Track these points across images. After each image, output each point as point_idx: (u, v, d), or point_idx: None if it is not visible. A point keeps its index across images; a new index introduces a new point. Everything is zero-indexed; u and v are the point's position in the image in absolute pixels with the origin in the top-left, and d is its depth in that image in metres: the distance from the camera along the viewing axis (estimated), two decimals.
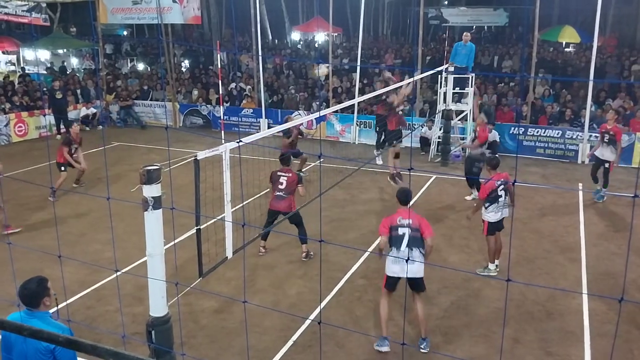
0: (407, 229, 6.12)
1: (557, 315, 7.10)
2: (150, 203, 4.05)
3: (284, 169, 8.84)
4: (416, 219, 6.19)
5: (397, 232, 6.14)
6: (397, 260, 6.08)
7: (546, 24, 24.21)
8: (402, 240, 6.12)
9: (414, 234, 6.12)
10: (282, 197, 8.59)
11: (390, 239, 6.20)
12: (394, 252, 6.14)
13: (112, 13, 19.95)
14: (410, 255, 6.04)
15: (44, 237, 9.42)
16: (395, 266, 6.15)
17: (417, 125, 16.25)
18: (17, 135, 17.12)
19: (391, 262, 6.17)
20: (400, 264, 6.06)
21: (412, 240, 6.11)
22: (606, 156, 11.22)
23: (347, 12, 30.95)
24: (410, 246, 6.10)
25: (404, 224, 6.12)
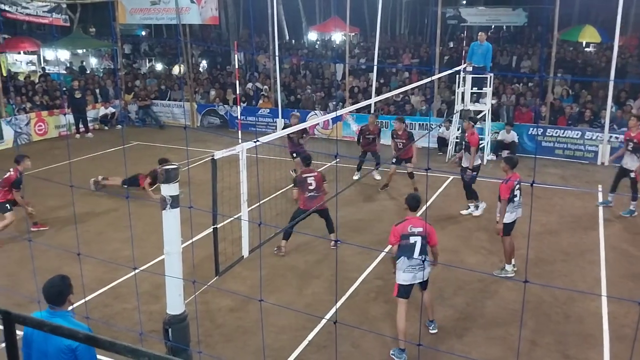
0: (418, 237, 6.06)
1: (575, 318, 7.02)
2: (168, 202, 4.09)
3: (307, 169, 9.01)
4: (425, 227, 6.11)
5: (409, 240, 6.07)
6: (409, 269, 6.08)
7: (566, 23, 23.92)
8: (414, 248, 6.06)
9: (424, 241, 6.10)
10: (314, 196, 8.77)
11: (399, 247, 6.10)
12: (405, 261, 6.07)
13: (131, 13, 20.14)
14: (422, 263, 6.05)
15: (62, 235, 9.55)
16: (408, 275, 6.11)
17: (435, 125, 16.17)
18: (37, 134, 17.35)
19: (402, 271, 6.12)
20: (412, 272, 6.07)
21: (423, 247, 6.10)
22: (629, 165, 10.58)
23: (364, 11, 30.90)
24: (422, 254, 6.08)
25: (414, 232, 6.07)
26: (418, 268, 6.05)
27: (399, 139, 12.09)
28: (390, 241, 6.19)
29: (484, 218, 10.49)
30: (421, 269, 6.05)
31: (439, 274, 8.10)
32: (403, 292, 6.19)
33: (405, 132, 12.25)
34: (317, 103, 18.67)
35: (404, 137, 12.08)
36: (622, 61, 18.75)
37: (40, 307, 3.87)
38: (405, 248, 6.06)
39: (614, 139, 14.47)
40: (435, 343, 6.45)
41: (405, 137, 12.08)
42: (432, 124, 16.28)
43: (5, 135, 16.37)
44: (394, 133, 12.23)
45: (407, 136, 12.15)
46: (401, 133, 12.06)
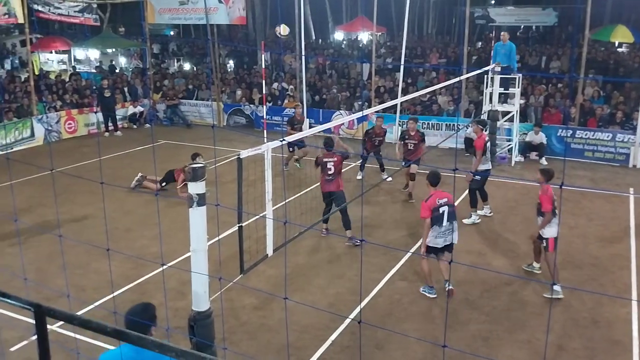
0: (445, 207, 7.23)
1: (604, 323, 6.89)
2: (195, 200, 4.12)
3: (328, 154, 9.36)
4: (449, 196, 7.39)
5: (439, 211, 7.19)
6: (441, 234, 7.23)
7: (597, 23, 23.48)
8: (444, 217, 7.20)
9: (451, 209, 7.27)
10: (331, 180, 9.23)
11: (432, 219, 7.18)
12: (436, 229, 7.21)
13: (160, 13, 20.39)
14: (450, 227, 7.27)
15: (91, 231, 9.71)
16: (440, 239, 7.26)
17: (462, 126, 16.02)
18: (67, 132, 17.68)
19: (434, 237, 7.25)
20: (444, 237, 7.25)
21: (450, 214, 7.26)
22: None
23: (391, 11, 30.77)
24: (449, 220, 7.25)
25: (442, 203, 7.23)
26: (447, 233, 7.26)
27: (410, 140, 11.59)
28: (423, 215, 7.33)
29: (511, 221, 10.36)
30: (450, 233, 7.27)
31: (465, 276, 8.04)
32: (432, 252, 7.40)
33: (418, 133, 11.83)
34: (342, 103, 18.65)
35: (417, 138, 11.62)
36: None
37: (69, 301, 3.94)
38: (436, 219, 7.20)
39: None
40: (461, 345, 6.39)
41: (418, 138, 11.62)
42: (460, 125, 16.12)
43: (37, 132, 16.72)
44: (405, 134, 11.75)
45: (419, 137, 11.67)
46: (414, 134, 11.61)
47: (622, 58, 21.77)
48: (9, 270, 7.65)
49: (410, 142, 11.53)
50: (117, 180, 12.38)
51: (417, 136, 11.58)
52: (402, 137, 11.81)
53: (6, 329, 6.08)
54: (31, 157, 14.35)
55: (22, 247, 8.81)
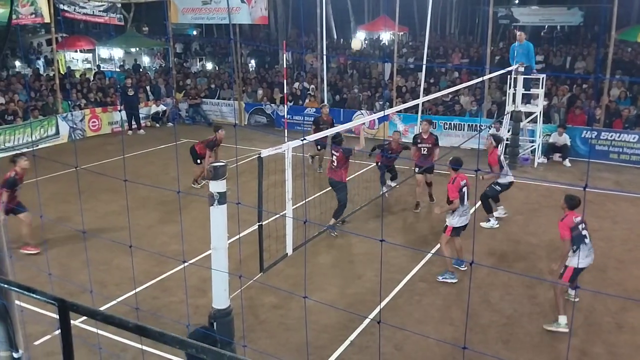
0: (465, 188, 8.06)
1: (628, 329, 6.77)
2: (216, 198, 4.15)
3: (335, 148, 9.68)
4: (466, 179, 8.18)
5: (462, 192, 8.00)
6: (464, 213, 8.03)
7: (624, 23, 23.04)
8: (464, 197, 8.03)
9: (467, 190, 8.13)
10: (333, 168, 9.67)
11: (460, 198, 7.93)
12: (460, 208, 7.96)
13: (183, 13, 20.57)
14: (469, 206, 8.20)
15: (113, 228, 9.83)
16: (463, 218, 8.02)
17: (485, 126, 15.87)
18: (91, 130, 17.92)
19: (458, 215, 7.97)
20: (465, 215, 8.04)
21: (468, 195, 8.15)
22: None
23: (414, 10, 30.63)
24: (468, 199, 8.17)
25: (462, 184, 8.03)
26: (464, 212, 8.06)
27: (423, 144, 10.88)
28: (453, 196, 7.95)
29: (533, 223, 10.23)
30: (466, 212, 8.10)
31: (486, 279, 7.97)
32: (455, 232, 8.05)
33: (432, 136, 10.99)
34: (363, 103, 18.61)
35: (430, 141, 10.86)
36: None
37: (92, 297, 4.00)
38: (461, 198, 7.95)
39: None
40: (481, 347, 6.33)
41: (432, 142, 10.87)
42: (482, 125, 15.98)
43: (61, 130, 16.98)
44: (418, 137, 11.00)
45: (433, 140, 10.90)
46: (427, 137, 10.87)
47: None
48: (34, 265, 7.79)
49: (423, 146, 10.89)
50: (140, 178, 12.52)
51: (430, 139, 10.88)
52: (414, 141, 11.11)
53: (30, 323, 6.18)
54: (56, 154, 14.57)
55: (47, 243, 8.95)
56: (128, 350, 6.10)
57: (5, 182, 8.64)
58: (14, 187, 8.70)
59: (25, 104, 17.10)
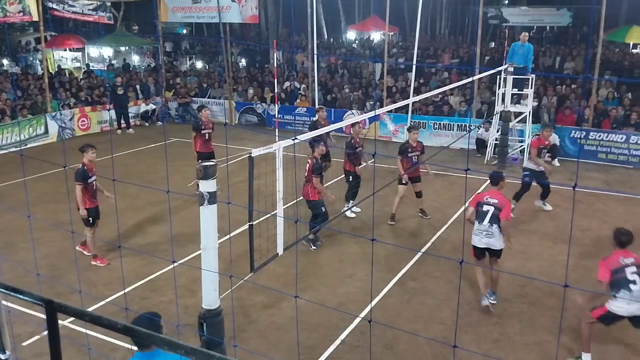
0: (491, 207, 6.95)
1: (616, 327, 6.80)
2: (206, 198, 4.13)
3: (311, 156, 9.01)
4: (502, 200, 7.02)
5: (482, 208, 7.01)
6: (477, 232, 7.06)
7: (612, 24, 23.26)
8: (485, 216, 6.96)
9: (495, 212, 6.90)
10: (304, 183, 8.99)
11: (476, 212, 7.06)
12: (476, 224, 7.05)
13: (173, 12, 20.48)
14: (490, 230, 6.94)
15: (103, 228, 9.76)
16: (476, 237, 7.10)
17: (474, 126, 15.94)
18: (80, 129, 17.80)
19: (473, 233, 7.12)
20: (479, 235, 7.03)
21: (493, 217, 6.91)
22: None
23: (404, 10, 30.68)
24: (491, 222, 6.94)
25: (489, 202, 7.00)
26: (485, 234, 6.97)
27: (414, 153, 10.21)
28: (470, 203, 7.33)
29: (523, 222, 10.28)
30: (488, 236, 6.95)
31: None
32: (475, 253, 7.22)
33: (420, 143, 10.42)
34: (354, 102, 18.63)
35: (419, 148, 10.28)
36: None
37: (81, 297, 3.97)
38: (478, 214, 7.04)
39: None
40: (471, 347, 6.35)
41: (420, 149, 10.29)
42: (472, 125, 16.05)
43: (50, 129, 16.86)
44: (407, 147, 10.20)
45: (421, 148, 10.34)
46: (416, 145, 10.23)
47: (637, 59, 21.55)
48: (23, 265, 7.72)
49: (414, 155, 10.22)
50: (129, 178, 12.45)
51: (419, 147, 10.29)
52: (403, 150, 10.26)
53: (18, 324, 6.13)
54: (45, 153, 14.45)
55: (35, 242, 8.87)
56: (118, 350, 6.06)
57: (76, 176, 8.33)
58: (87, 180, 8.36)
59: (13, 103, 16.96)
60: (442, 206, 11.11)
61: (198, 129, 11.72)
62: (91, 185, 8.46)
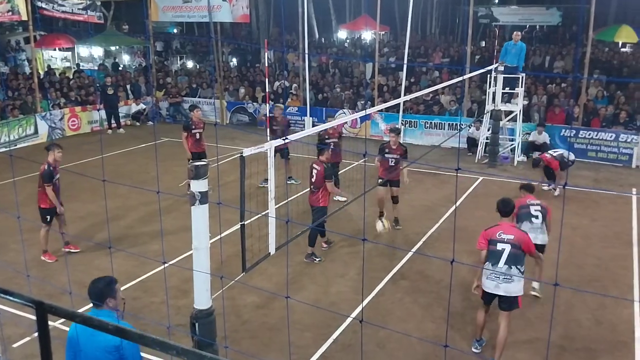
0: (507, 245, 5.76)
1: (606, 325, 6.87)
2: (197, 198, 4.12)
3: (317, 160, 8.66)
4: (519, 235, 5.84)
5: (496, 247, 5.80)
6: (491, 276, 5.82)
7: (602, 23, 23.40)
8: (501, 256, 5.76)
9: (514, 250, 5.74)
10: (312, 190, 8.59)
11: (488, 252, 5.87)
12: (489, 267, 5.83)
13: (163, 11, 20.41)
14: (508, 273, 5.73)
15: (94, 228, 9.72)
16: (490, 282, 5.85)
17: (465, 125, 16.00)
18: (71, 129, 17.71)
19: (485, 277, 5.90)
20: (495, 281, 5.81)
21: (512, 257, 5.74)
22: None
23: (394, 10, 30.72)
24: (509, 263, 5.74)
25: (504, 239, 5.79)
26: (502, 278, 5.75)
27: (391, 155, 9.72)
28: (478, 245, 6.00)
29: None
30: (507, 280, 5.74)
31: (467, 276, 8.02)
32: (484, 298, 6.08)
33: (401, 147, 9.88)
34: (345, 102, 18.64)
35: (399, 152, 9.74)
36: None
37: (71, 298, 3.96)
38: (491, 254, 5.83)
39: None
40: (462, 345, 6.38)
41: (401, 153, 9.76)
42: (462, 124, 16.11)
43: (40, 129, 16.75)
44: (386, 147, 9.78)
45: (402, 152, 9.80)
46: (395, 148, 9.73)
47: (626, 58, 21.70)
48: (12, 266, 7.67)
49: (391, 157, 9.73)
50: (120, 178, 12.40)
51: (399, 150, 9.76)
52: (380, 150, 9.87)
53: (9, 325, 6.09)
54: (34, 154, 14.34)
55: (25, 244, 8.81)
56: None
57: (43, 176, 8.39)
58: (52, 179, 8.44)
59: (2, 103, 16.84)
60: (434, 205, 11.15)
61: (188, 128, 11.71)
62: (54, 184, 8.50)
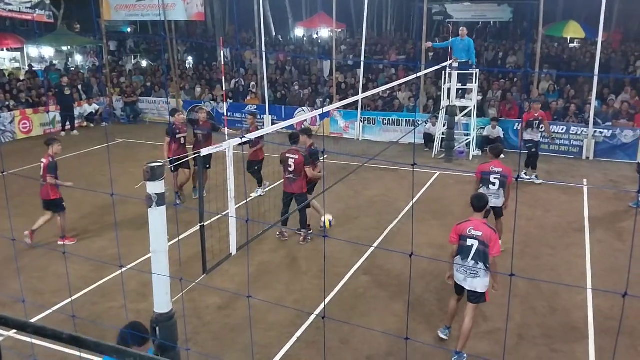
0: (475, 242, 5.85)
1: (561, 311, 7.09)
2: (154, 200, 4.05)
3: (292, 149, 8.86)
4: (487, 232, 5.85)
5: (466, 242, 5.90)
6: (461, 269, 5.96)
7: (551, 19, 24.04)
8: (470, 251, 5.88)
9: (482, 247, 5.83)
10: (292, 179, 8.81)
11: (458, 247, 5.98)
12: (459, 261, 5.96)
13: (116, 10, 19.99)
14: (475, 268, 5.87)
15: (48, 234, 9.45)
16: (459, 275, 6.02)
17: (421, 121, 16.22)
18: (22, 132, 17.16)
19: (456, 269, 6.04)
20: (463, 274, 5.96)
21: (479, 253, 5.85)
22: None
23: (350, 8, 30.88)
24: (475, 259, 5.87)
25: (473, 235, 5.88)
26: (469, 273, 5.91)
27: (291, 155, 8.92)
28: (450, 239, 6.09)
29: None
30: (473, 275, 5.89)
31: (427, 268, 8.16)
32: (456, 288, 6.20)
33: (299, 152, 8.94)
34: (305, 100, 18.65)
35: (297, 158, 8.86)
36: (605, 57, 18.91)
37: (24, 307, 3.84)
38: (461, 249, 5.95)
39: (599, 134, 14.63)
40: (424, 337, 6.48)
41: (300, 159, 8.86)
42: (419, 121, 16.33)
43: None
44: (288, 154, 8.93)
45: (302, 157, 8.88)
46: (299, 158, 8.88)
47: (574, 53, 22.39)
48: None
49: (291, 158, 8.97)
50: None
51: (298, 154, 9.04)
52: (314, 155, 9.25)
53: None
54: None
55: None
56: (68, 359, 5.89)
57: (48, 169, 8.97)
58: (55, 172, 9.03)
59: None
60: (393, 200, 11.27)
61: (172, 133, 10.80)
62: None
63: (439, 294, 7.52)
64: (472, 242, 5.87)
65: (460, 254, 5.96)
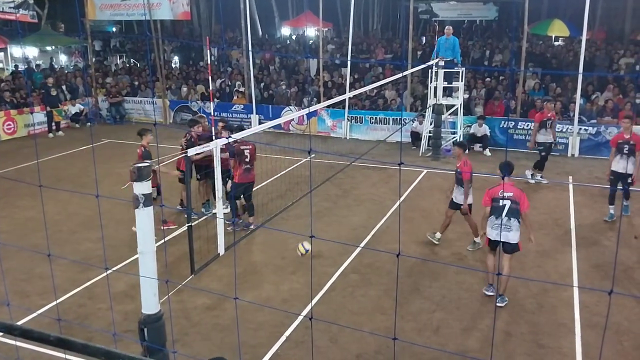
0: (507, 202, 6.90)
1: (548, 308, 7.15)
2: (141, 200, 4.03)
3: (244, 141, 9.05)
4: (517, 192, 6.96)
5: (499, 203, 6.93)
6: (495, 226, 6.99)
7: (535, 17, 24.26)
8: (503, 210, 6.90)
9: (514, 205, 6.88)
10: (249, 169, 9.12)
11: (491, 208, 7.00)
12: (493, 220, 6.99)
13: (101, 9, 19.82)
14: (508, 224, 6.89)
15: (34, 235, 9.36)
16: (493, 231, 7.03)
17: (408, 120, 16.27)
18: (6, 133, 16.97)
19: (490, 227, 7.05)
20: (497, 229, 6.96)
21: (511, 210, 6.89)
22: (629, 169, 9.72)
23: (337, 7, 30.90)
24: (509, 215, 6.89)
25: (505, 196, 6.89)
26: (504, 228, 6.88)
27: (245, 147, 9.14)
28: (483, 202, 7.14)
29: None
30: (507, 229, 6.87)
31: (414, 266, 8.19)
32: (490, 244, 7.22)
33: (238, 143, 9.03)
34: (291, 99, 18.63)
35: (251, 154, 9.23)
36: (590, 55, 19.09)
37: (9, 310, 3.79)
38: (494, 209, 6.98)
39: (583, 131, 14.77)
40: (412, 335, 6.50)
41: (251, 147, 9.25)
42: (405, 119, 16.38)
43: None
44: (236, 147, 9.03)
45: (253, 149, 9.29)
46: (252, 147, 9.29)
47: (558, 51, 22.58)
48: None
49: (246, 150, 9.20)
50: (61, 182, 11.99)
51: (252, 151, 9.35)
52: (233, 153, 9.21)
53: None
54: None
55: None
56: None
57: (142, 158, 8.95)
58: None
59: None
60: (380, 199, 11.30)
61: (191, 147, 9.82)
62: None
63: (427, 291, 7.56)
64: (504, 202, 6.92)
65: (494, 214, 6.99)
